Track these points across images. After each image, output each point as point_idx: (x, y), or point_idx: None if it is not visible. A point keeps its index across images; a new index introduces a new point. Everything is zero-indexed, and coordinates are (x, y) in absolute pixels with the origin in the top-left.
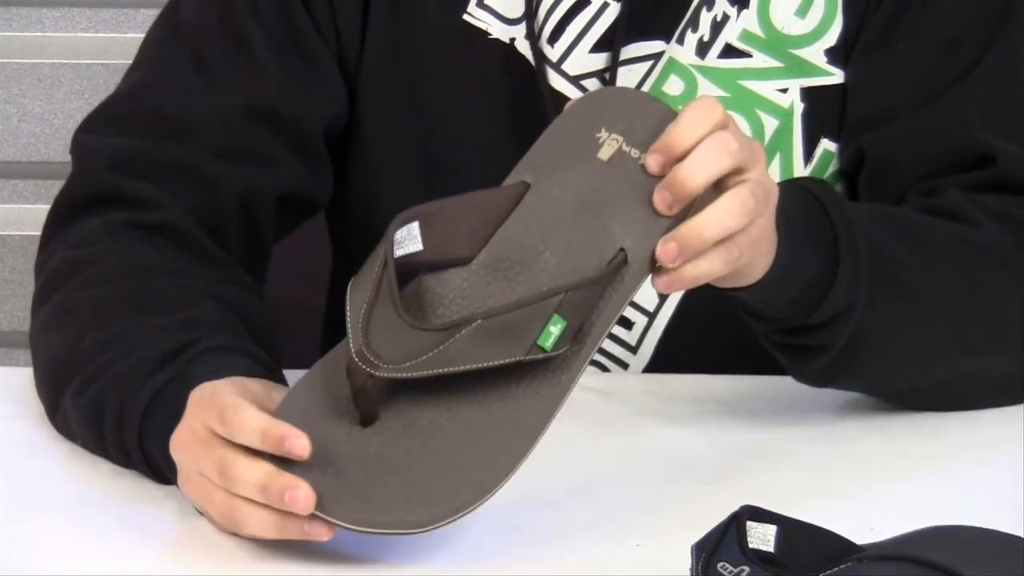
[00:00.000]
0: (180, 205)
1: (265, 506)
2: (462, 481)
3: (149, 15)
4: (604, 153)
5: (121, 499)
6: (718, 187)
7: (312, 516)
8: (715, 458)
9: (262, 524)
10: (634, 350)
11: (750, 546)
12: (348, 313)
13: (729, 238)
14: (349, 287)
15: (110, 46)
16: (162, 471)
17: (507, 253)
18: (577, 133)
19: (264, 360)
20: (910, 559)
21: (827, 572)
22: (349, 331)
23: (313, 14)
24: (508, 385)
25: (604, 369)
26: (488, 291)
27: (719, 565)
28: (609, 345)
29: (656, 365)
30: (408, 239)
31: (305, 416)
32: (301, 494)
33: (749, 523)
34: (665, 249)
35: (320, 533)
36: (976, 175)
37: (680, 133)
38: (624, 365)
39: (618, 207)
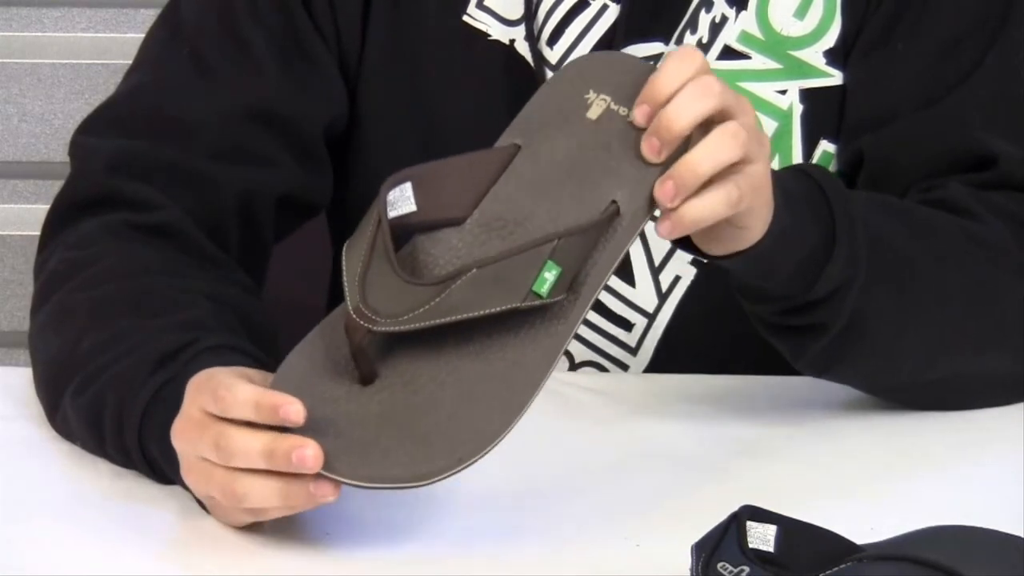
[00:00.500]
0: (179, 206)
1: (268, 475)
2: (464, 433)
3: (149, 15)
4: (592, 112)
5: (121, 499)
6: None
7: (317, 476)
8: (715, 458)
9: (265, 493)
10: (634, 352)
11: (750, 546)
12: (344, 273)
13: (727, 177)
14: (344, 248)
15: (110, 46)
16: (163, 471)
17: (500, 212)
18: (566, 96)
19: (262, 359)
20: (910, 559)
21: (827, 572)
22: (346, 290)
23: (313, 15)
24: (506, 336)
25: (603, 370)
26: (482, 250)
27: (719, 565)
28: (609, 347)
29: (656, 367)
30: (401, 200)
31: (303, 379)
32: (309, 452)
33: (749, 523)
34: (662, 189)
35: (326, 492)
36: (976, 176)
37: (662, 80)
38: (624, 367)
39: (608, 163)
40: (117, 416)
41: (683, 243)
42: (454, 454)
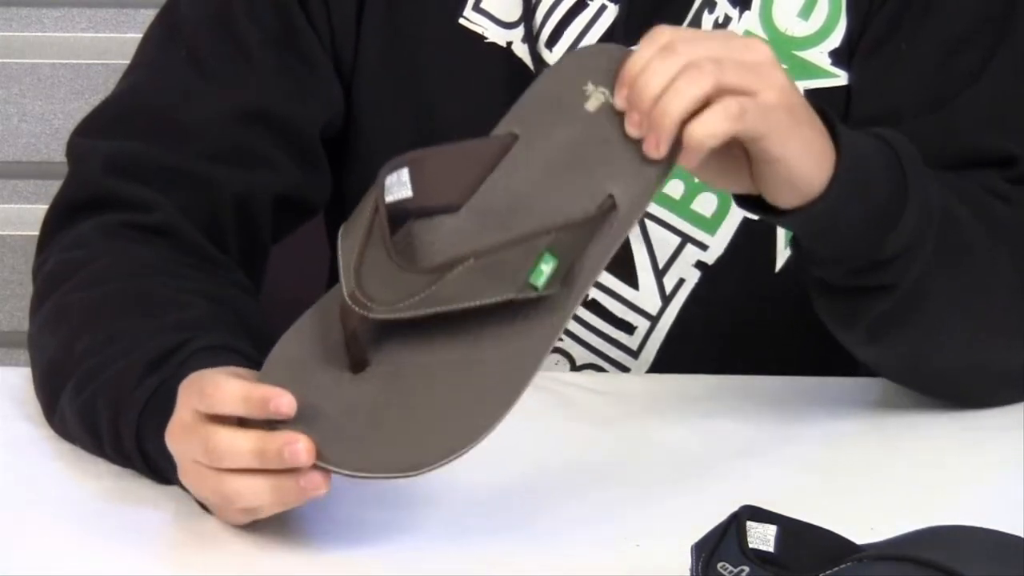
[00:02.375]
0: (176, 207)
1: (257, 473)
2: (455, 423)
3: (149, 15)
4: (591, 105)
5: (121, 500)
6: None
7: (308, 468)
8: (715, 458)
9: (256, 491)
10: (635, 355)
11: (750, 546)
12: (340, 258)
13: (719, 94)
14: (340, 232)
15: (110, 46)
16: (162, 472)
17: (496, 201)
18: (564, 87)
19: (257, 359)
20: (910, 559)
21: (827, 572)
22: (341, 275)
23: (309, 15)
24: (499, 327)
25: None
26: (478, 238)
27: (719, 565)
28: (610, 350)
29: (657, 370)
30: (398, 185)
31: (293, 367)
32: (301, 446)
33: (749, 523)
34: (647, 144)
35: (317, 484)
36: (998, 173)
37: (634, 62)
38: (625, 370)
39: (606, 156)
40: (114, 420)
41: (750, 203)
42: (445, 444)
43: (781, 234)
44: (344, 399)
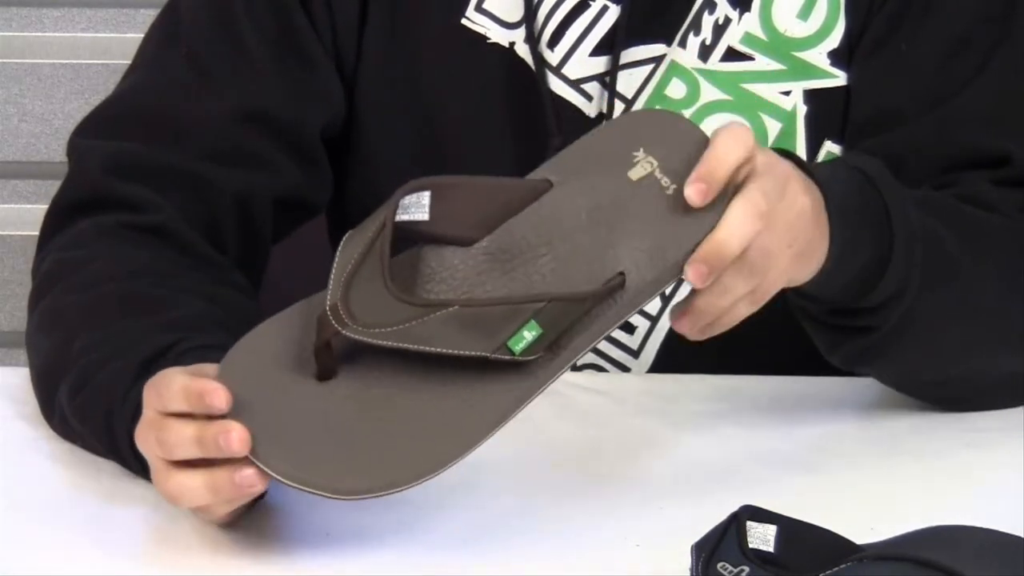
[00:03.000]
0: (174, 207)
1: (195, 470)
2: (400, 459)
3: (149, 15)
4: (635, 173)
5: (121, 500)
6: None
7: (244, 462)
8: (715, 458)
9: (193, 487)
10: (636, 354)
11: (750, 546)
12: (335, 265)
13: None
14: (344, 239)
15: (110, 46)
16: None
17: (509, 246)
18: (615, 146)
19: None
20: (910, 559)
21: (827, 572)
22: (331, 283)
23: (311, 16)
24: (471, 378)
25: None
26: (480, 278)
27: (719, 565)
28: (611, 349)
29: (657, 370)
30: (415, 206)
31: (261, 361)
32: (234, 435)
33: (749, 523)
34: (695, 271)
35: (252, 482)
36: (992, 173)
37: (716, 159)
38: (626, 369)
39: (631, 230)
40: (108, 421)
41: None
42: (383, 478)
43: None
44: (299, 404)
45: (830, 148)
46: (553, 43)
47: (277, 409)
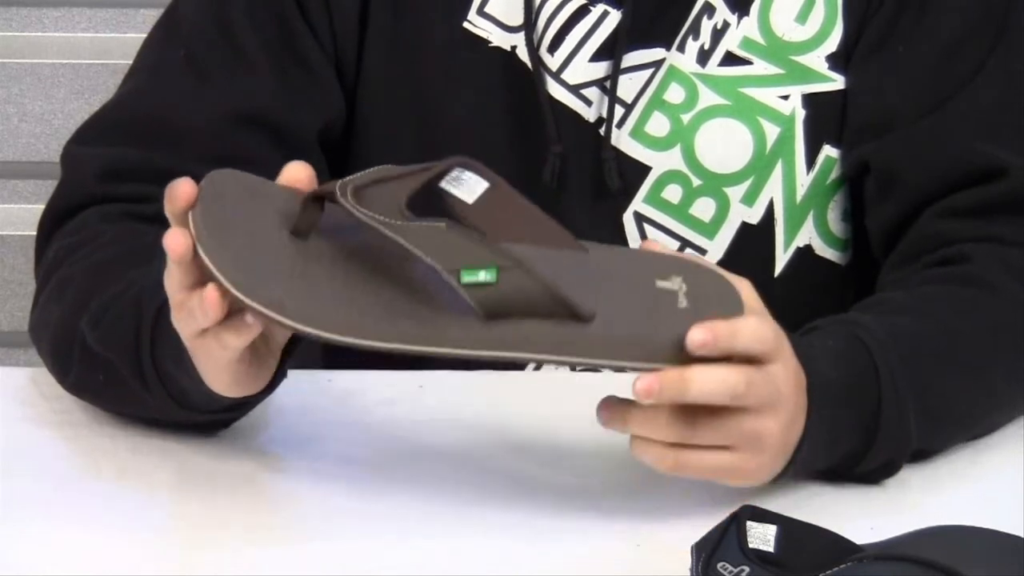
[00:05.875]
0: None
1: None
2: (324, 307)
3: (149, 15)
4: (663, 283)
5: (122, 499)
6: None
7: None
8: None
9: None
10: None
11: (750, 546)
12: (370, 169)
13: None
14: (382, 166)
15: (110, 46)
16: (180, 391)
17: (518, 258)
18: (662, 263)
19: None
20: (910, 559)
21: (827, 572)
22: (357, 174)
23: (309, 21)
24: (424, 293)
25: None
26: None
27: (719, 565)
28: None
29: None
30: (465, 185)
31: (245, 192)
32: (208, 299)
33: (749, 523)
34: (643, 385)
35: (212, 300)
36: (987, 190)
37: (737, 337)
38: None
39: (631, 302)
40: (132, 341)
41: None
42: (279, 295)
43: (780, 238)
44: (267, 243)
45: (829, 152)
46: (553, 48)
47: (245, 232)
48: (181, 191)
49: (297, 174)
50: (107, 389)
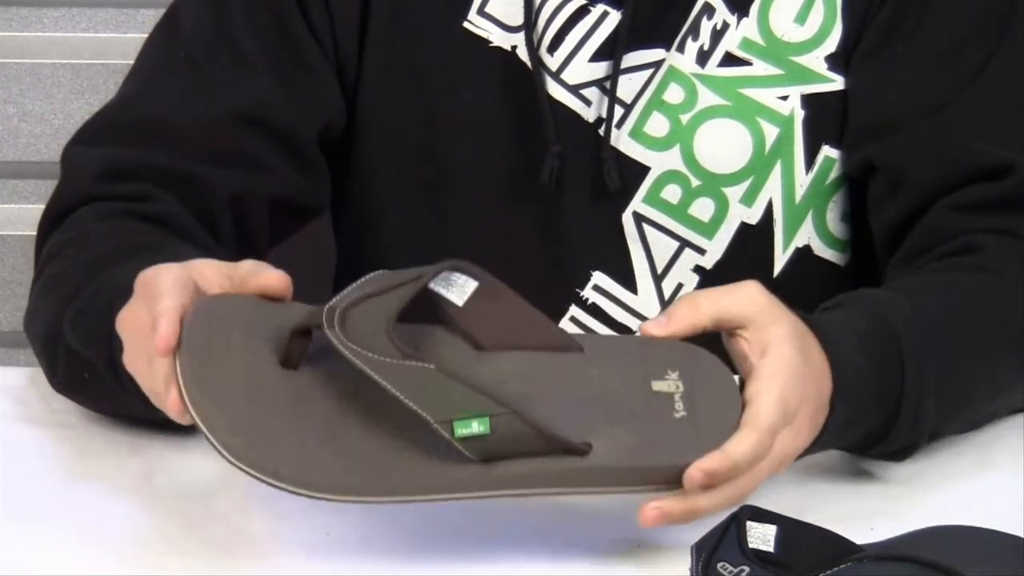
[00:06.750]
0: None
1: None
2: (302, 460)
3: (149, 15)
4: (658, 386)
5: (121, 500)
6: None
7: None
8: None
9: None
10: None
11: (750, 546)
12: (353, 285)
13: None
14: (374, 273)
15: (110, 46)
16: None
17: (508, 374)
18: (658, 355)
19: None
20: (910, 559)
21: (827, 572)
22: (341, 294)
23: (309, 22)
24: (414, 440)
25: None
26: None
27: (719, 565)
28: None
29: None
30: (456, 287)
31: (237, 315)
32: (161, 328)
33: (749, 523)
34: (646, 513)
35: (178, 410)
36: (995, 186)
37: (736, 468)
38: None
39: (625, 423)
40: (108, 337)
41: None
42: (273, 464)
43: (779, 239)
44: (258, 381)
45: (828, 152)
46: (553, 48)
47: (237, 374)
48: (162, 340)
49: (276, 288)
50: (92, 388)
